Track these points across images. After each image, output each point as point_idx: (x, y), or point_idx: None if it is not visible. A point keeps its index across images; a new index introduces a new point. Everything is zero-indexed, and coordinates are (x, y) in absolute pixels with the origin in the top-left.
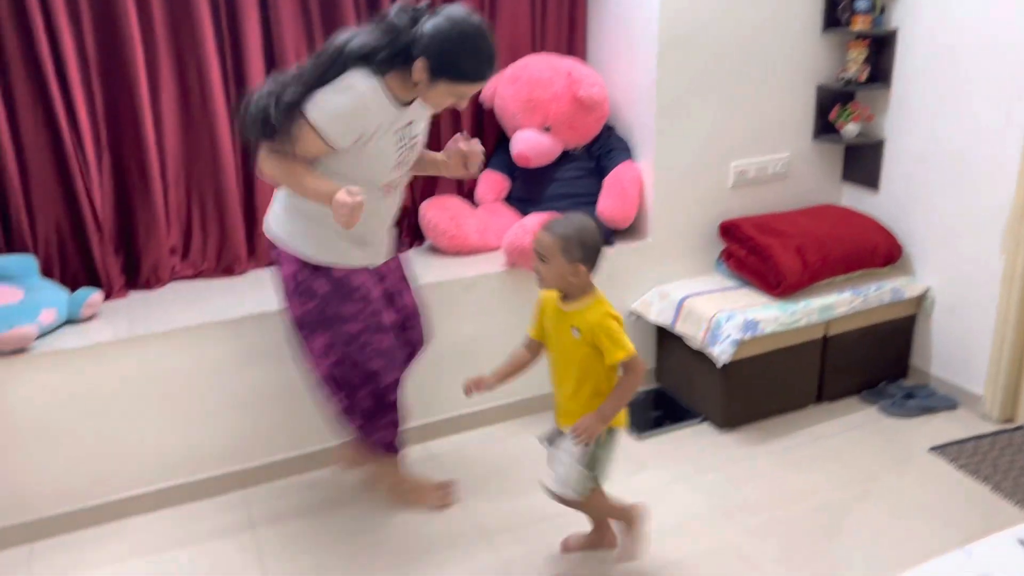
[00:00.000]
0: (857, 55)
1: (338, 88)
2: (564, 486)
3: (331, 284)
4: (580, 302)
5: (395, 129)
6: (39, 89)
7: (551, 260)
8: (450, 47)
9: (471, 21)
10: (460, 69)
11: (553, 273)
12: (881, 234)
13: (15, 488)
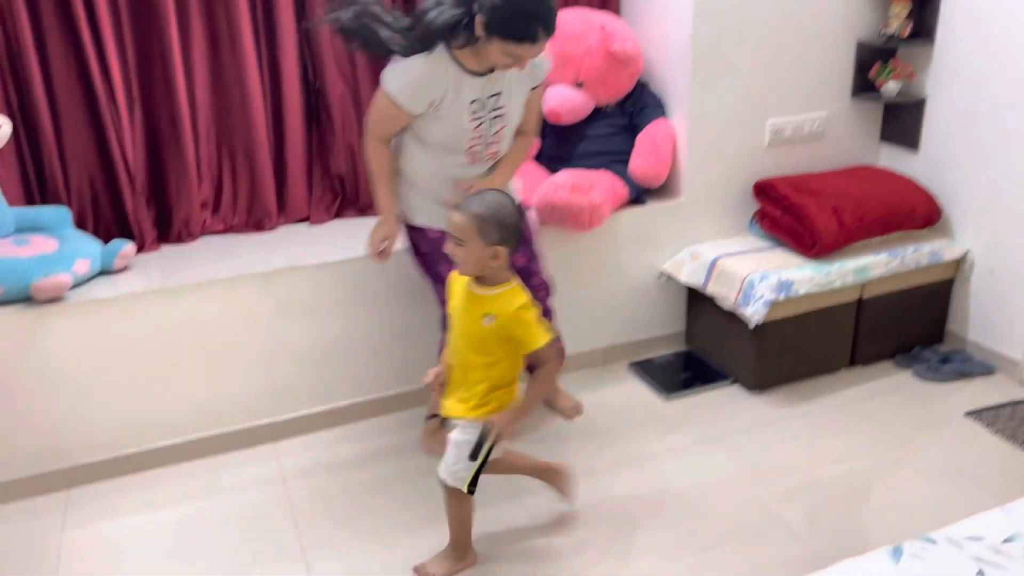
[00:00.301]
0: (900, 10)
1: (411, 59)
2: (452, 476)
3: (428, 245)
4: (496, 288)
5: (470, 98)
6: (72, 41)
7: (469, 243)
8: (502, 4)
9: None
10: (510, 28)
11: (472, 257)
12: (920, 195)
13: (51, 435)
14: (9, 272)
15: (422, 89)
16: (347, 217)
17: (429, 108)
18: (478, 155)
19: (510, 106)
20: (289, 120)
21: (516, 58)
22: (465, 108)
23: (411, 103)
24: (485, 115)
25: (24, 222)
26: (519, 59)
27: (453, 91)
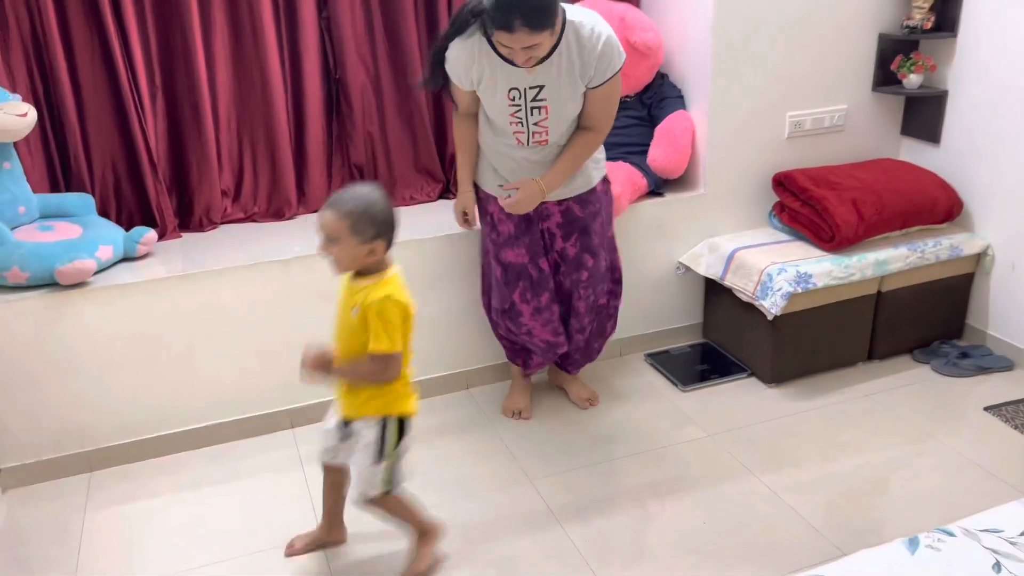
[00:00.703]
0: (923, 2)
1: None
2: (368, 487)
3: (480, 201)
4: (371, 278)
5: (508, 86)
6: (97, 31)
7: (342, 240)
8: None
9: None
10: (492, 17)
11: (347, 255)
12: (941, 189)
13: (75, 418)
14: (34, 257)
15: (460, 64)
16: None
17: (474, 85)
18: (524, 140)
19: (556, 100)
20: (309, 109)
21: (508, 49)
22: (502, 93)
23: (456, 77)
24: (523, 104)
25: (49, 208)
26: (511, 50)
27: (488, 73)
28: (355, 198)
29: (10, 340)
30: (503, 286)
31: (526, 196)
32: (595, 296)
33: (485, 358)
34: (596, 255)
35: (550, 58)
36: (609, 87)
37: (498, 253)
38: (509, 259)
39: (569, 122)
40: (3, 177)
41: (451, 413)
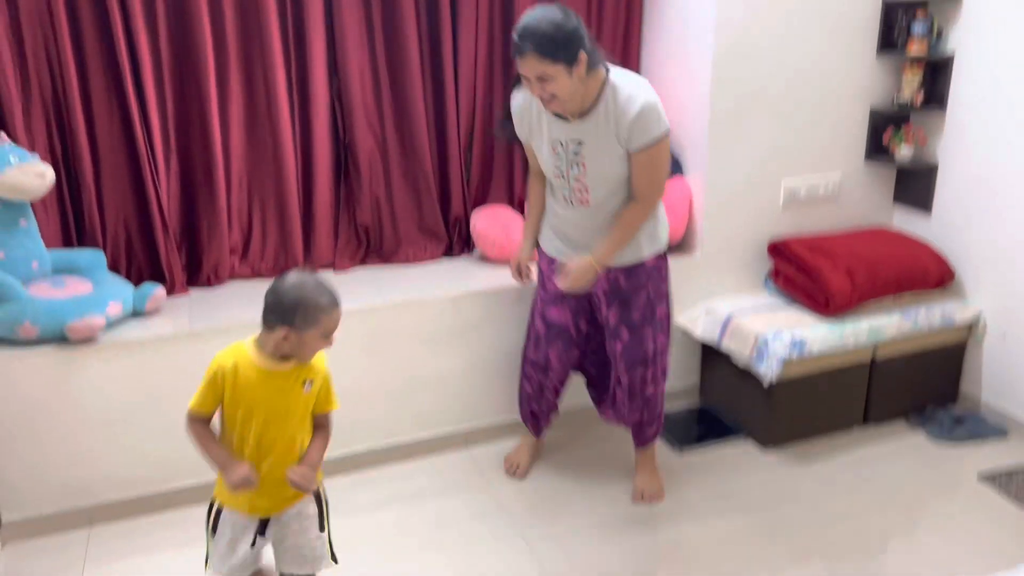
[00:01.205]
0: (912, 78)
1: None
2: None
3: (539, 257)
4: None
5: (553, 138)
6: (116, 90)
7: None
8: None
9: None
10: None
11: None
12: (932, 257)
13: (77, 472)
14: (45, 313)
15: (516, 114)
16: (370, 265)
17: (528, 136)
18: (568, 197)
19: (593, 157)
20: (318, 172)
21: (527, 82)
22: (548, 146)
23: (517, 127)
24: (565, 157)
25: (61, 264)
26: (529, 83)
27: (536, 123)
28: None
29: (18, 394)
30: (543, 342)
31: (579, 274)
32: (630, 372)
33: (484, 417)
34: (634, 330)
35: (590, 114)
36: (648, 155)
37: (544, 309)
38: (553, 317)
39: (610, 183)
40: (19, 234)
41: (449, 472)
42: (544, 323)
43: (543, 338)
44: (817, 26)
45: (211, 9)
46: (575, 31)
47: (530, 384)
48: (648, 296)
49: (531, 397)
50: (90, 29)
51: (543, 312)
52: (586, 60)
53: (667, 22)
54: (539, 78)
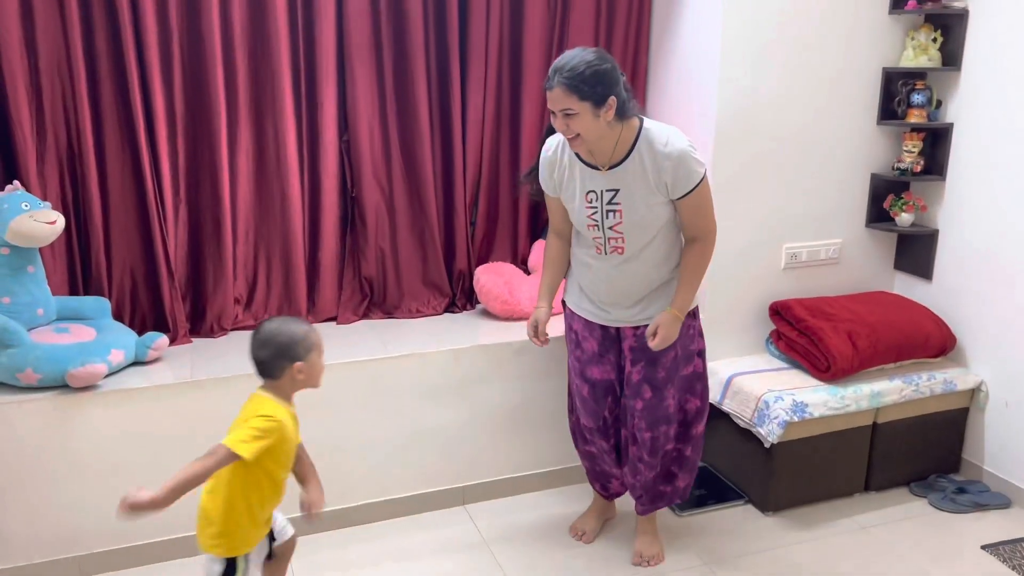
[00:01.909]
0: (912, 146)
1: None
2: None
3: (566, 317)
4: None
5: (586, 188)
6: (129, 141)
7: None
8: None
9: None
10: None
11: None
12: (934, 324)
13: (69, 521)
14: (47, 360)
15: (545, 165)
16: (373, 318)
17: (557, 190)
18: (602, 247)
19: (629, 205)
20: (325, 224)
21: (552, 116)
22: (581, 195)
23: (543, 181)
24: (600, 207)
25: (66, 311)
26: (554, 116)
27: (569, 173)
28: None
29: (15, 441)
30: (592, 403)
31: (667, 329)
32: (652, 430)
33: (484, 473)
34: (657, 389)
35: (624, 163)
36: (696, 196)
37: (583, 371)
38: (596, 376)
39: (647, 231)
40: (26, 280)
41: (445, 529)
42: (589, 384)
43: (590, 399)
44: (819, 94)
45: (225, 63)
46: (606, 74)
47: (594, 447)
48: (676, 356)
49: (596, 458)
50: (107, 81)
51: (584, 373)
52: (615, 105)
53: (671, 87)
54: (564, 113)
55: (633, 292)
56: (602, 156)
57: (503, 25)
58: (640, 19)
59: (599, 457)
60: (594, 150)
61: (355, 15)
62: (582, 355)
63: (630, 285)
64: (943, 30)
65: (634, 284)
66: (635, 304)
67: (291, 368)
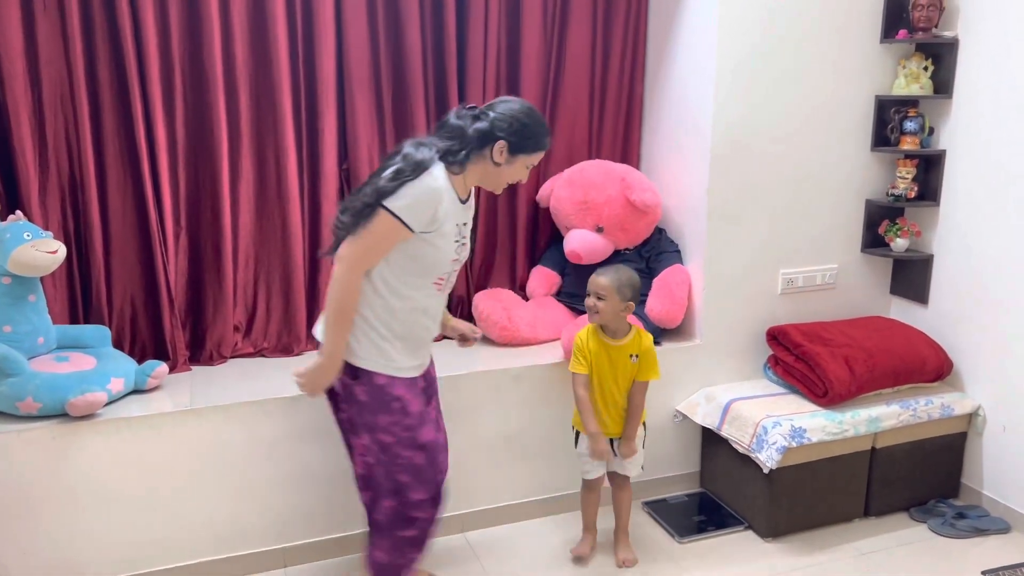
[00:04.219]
0: (906, 172)
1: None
2: (636, 469)
3: (370, 391)
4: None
5: (456, 223)
6: (131, 170)
7: (609, 298)
8: (527, 124)
9: (527, 104)
10: (536, 141)
11: (610, 311)
12: (931, 348)
13: (68, 551)
14: (47, 388)
15: (431, 205)
16: None
17: (429, 226)
18: (444, 282)
19: (468, 236)
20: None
21: (526, 170)
22: (454, 230)
23: (416, 221)
24: (460, 240)
25: (66, 339)
26: (527, 171)
27: (450, 211)
28: (617, 271)
29: (14, 470)
30: (428, 468)
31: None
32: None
33: (482, 501)
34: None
35: (471, 195)
36: None
37: (415, 437)
38: (428, 438)
39: None
40: (27, 309)
41: (442, 557)
42: (423, 451)
43: (426, 466)
44: (813, 121)
45: (226, 92)
46: None
47: (421, 527)
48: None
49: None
50: (109, 111)
51: (415, 440)
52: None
53: (666, 114)
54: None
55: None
56: (469, 189)
57: (500, 56)
58: (636, 47)
59: (422, 535)
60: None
61: (355, 45)
62: (411, 420)
63: (440, 315)
64: (934, 59)
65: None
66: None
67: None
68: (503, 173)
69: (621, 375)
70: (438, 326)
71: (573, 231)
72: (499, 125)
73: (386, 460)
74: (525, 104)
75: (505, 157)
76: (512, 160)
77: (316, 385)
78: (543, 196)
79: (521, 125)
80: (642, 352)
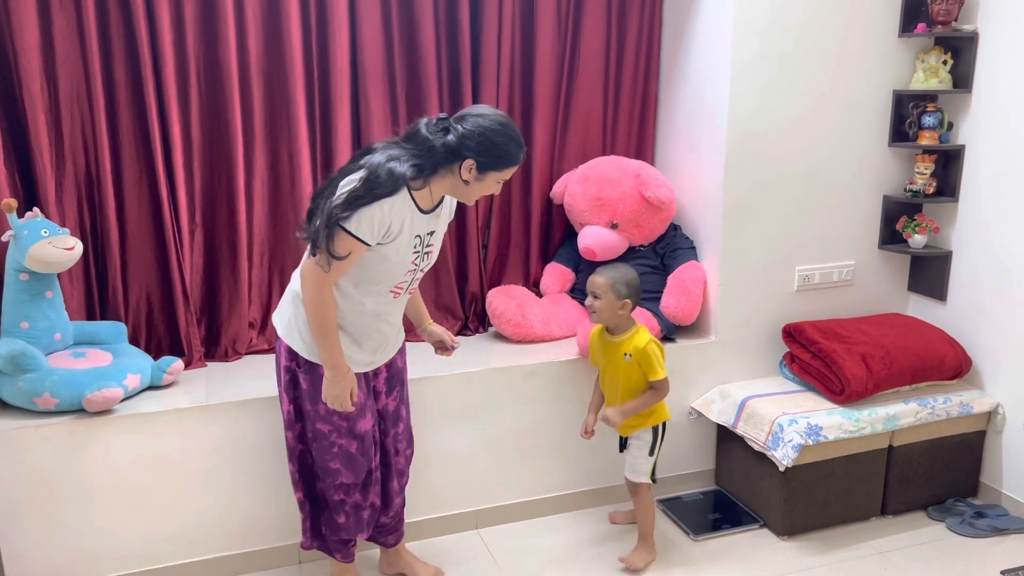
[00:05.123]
0: (924, 168)
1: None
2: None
3: (313, 381)
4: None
5: (415, 233)
6: (146, 168)
7: (604, 296)
8: (497, 142)
9: (501, 115)
10: (508, 158)
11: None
12: (949, 346)
13: (84, 546)
14: (64, 384)
15: (386, 218)
16: None
17: (382, 238)
18: (403, 289)
19: (437, 243)
20: None
21: (503, 182)
22: (408, 241)
23: (369, 235)
24: (421, 250)
25: (83, 335)
26: (498, 185)
27: (406, 221)
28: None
29: (31, 465)
30: (360, 458)
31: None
32: (410, 447)
33: (496, 497)
34: (407, 406)
35: (443, 203)
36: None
37: (353, 427)
38: (364, 429)
39: None
40: (44, 305)
41: (456, 554)
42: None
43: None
44: (830, 116)
45: (241, 90)
46: None
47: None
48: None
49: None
50: (125, 109)
51: (352, 430)
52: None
53: (681, 110)
54: None
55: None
56: (435, 200)
57: (514, 52)
58: (651, 43)
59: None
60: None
61: (369, 41)
62: (349, 414)
63: (400, 318)
64: (953, 53)
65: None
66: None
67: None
68: (472, 189)
69: (620, 373)
70: (398, 329)
71: (587, 228)
72: (467, 144)
73: (318, 448)
74: (498, 117)
75: (474, 175)
76: (482, 177)
77: (335, 398)
78: (557, 192)
79: (491, 144)
80: (636, 352)
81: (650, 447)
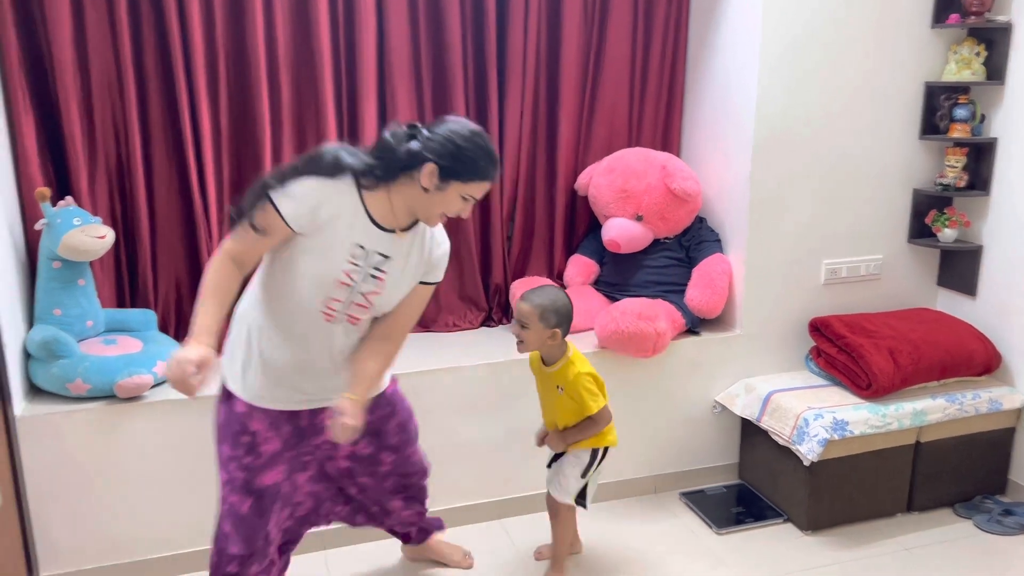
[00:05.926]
0: (955, 161)
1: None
2: (564, 493)
3: (227, 415)
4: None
5: (357, 241)
6: (176, 157)
7: (532, 326)
8: (463, 147)
9: (473, 126)
10: (473, 168)
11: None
12: (978, 341)
13: (116, 529)
14: (96, 370)
15: (312, 199)
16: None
17: (306, 228)
18: (336, 312)
19: (393, 277)
20: None
21: (469, 198)
22: (346, 247)
23: (293, 212)
24: (363, 266)
25: (113, 323)
26: (471, 201)
27: (342, 220)
28: (544, 294)
29: (64, 449)
30: (254, 519)
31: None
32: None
33: (520, 488)
34: (398, 450)
35: (408, 232)
36: (431, 292)
37: (252, 481)
38: (267, 483)
39: (391, 306)
40: (77, 293)
41: (480, 544)
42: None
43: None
44: (860, 108)
45: (269, 81)
46: None
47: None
48: (399, 421)
49: None
50: (156, 99)
51: (250, 484)
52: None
53: (708, 103)
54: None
55: (345, 364)
56: (399, 219)
57: (540, 43)
58: (677, 36)
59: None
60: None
61: (395, 34)
62: (255, 460)
63: (346, 358)
64: (987, 44)
65: (347, 356)
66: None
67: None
68: (434, 201)
69: (556, 404)
70: (333, 363)
71: (612, 219)
72: (430, 146)
73: (219, 497)
74: (471, 127)
75: (435, 183)
76: (443, 187)
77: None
78: (581, 184)
79: (455, 148)
80: (567, 385)
81: (584, 468)
